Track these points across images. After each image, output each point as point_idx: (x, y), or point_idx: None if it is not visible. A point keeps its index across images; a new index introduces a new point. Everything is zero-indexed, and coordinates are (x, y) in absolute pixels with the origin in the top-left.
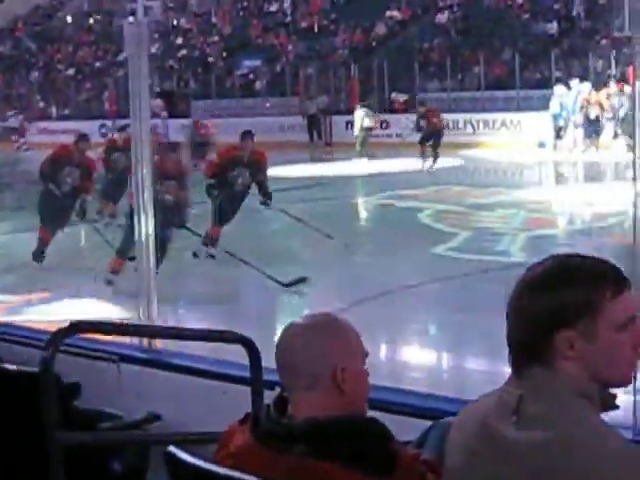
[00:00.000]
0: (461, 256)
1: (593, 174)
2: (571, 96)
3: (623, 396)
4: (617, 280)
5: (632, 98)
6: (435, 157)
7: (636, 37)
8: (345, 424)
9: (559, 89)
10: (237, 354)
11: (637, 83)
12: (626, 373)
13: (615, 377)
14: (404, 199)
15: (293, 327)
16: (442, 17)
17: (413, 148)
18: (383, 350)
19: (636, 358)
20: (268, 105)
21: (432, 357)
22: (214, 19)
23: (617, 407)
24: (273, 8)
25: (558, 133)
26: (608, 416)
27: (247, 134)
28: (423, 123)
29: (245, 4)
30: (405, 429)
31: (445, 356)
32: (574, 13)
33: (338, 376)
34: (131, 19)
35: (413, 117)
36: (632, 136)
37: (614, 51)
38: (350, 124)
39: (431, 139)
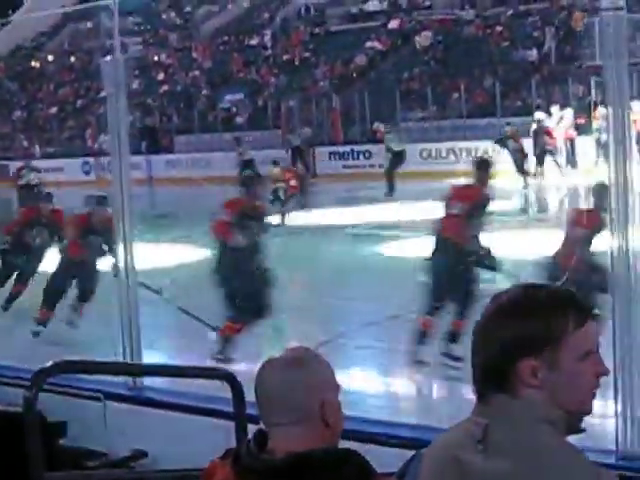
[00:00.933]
0: None
1: (575, 198)
2: (552, 122)
3: (608, 421)
4: (580, 311)
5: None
6: None
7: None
8: (325, 457)
9: (539, 115)
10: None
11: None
12: (587, 401)
13: (577, 404)
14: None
15: (274, 363)
16: (421, 40)
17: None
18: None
19: (596, 386)
20: (250, 139)
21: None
22: (195, 54)
23: (583, 430)
24: (254, 42)
25: (540, 159)
26: (594, 442)
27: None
28: None
29: (225, 38)
30: (389, 460)
31: (436, 385)
32: (545, 46)
33: (325, 410)
34: (108, 57)
35: None
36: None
37: (594, 77)
38: (333, 155)
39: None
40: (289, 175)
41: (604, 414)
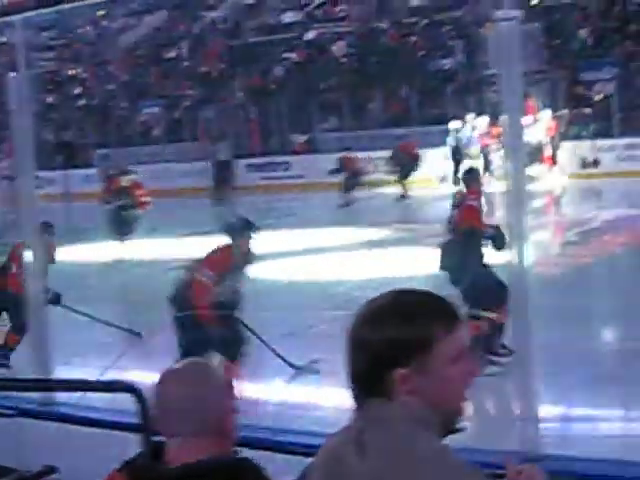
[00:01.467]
0: (362, 295)
1: (492, 206)
2: (467, 130)
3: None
4: (450, 316)
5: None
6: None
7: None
8: (220, 466)
9: (453, 124)
10: None
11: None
12: (460, 402)
13: (450, 407)
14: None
15: (172, 374)
16: (337, 50)
17: (313, 188)
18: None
19: (468, 388)
20: (167, 151)
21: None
22: (111, 67)
23: (459, 430)
24: (170, 54)
25: (456, 167)
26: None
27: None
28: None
29: (142, 51)
30: (289, 468)
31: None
32: (457, 56)
33: (222, 420)
34: (13, 73)
35: (312, 157)
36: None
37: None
38: (251, 167)
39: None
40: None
41: (506, 416)
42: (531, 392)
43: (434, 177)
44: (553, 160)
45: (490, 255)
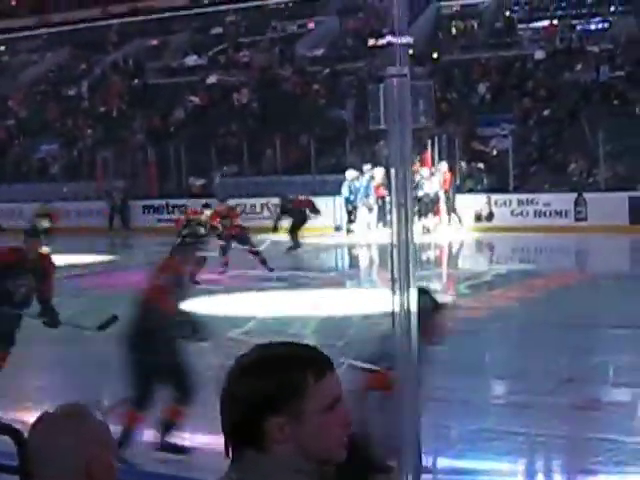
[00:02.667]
0: (253, 340)
1: (386, 257)
2: (363, 180)
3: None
4: (319, 364)
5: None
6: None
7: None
8: None
9: (350, 174)
10: None
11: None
12: (337, 450)
13: (327, 455)
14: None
15: (47, 417)
16: (241, 102)
17: None
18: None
19: (344, 435)
20: (65, 190)
21: None
22: (10, 102)
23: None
24: (71, 92)
25: (350, 217)
26: None
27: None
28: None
29: (42, 87)
30: None
31: None
32: (347, 109)
33: (92, 467)
34: None
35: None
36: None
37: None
38: (147, 209)
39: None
40: None
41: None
42: (416, 443)
43: (329, 226)
44: (449, 212)
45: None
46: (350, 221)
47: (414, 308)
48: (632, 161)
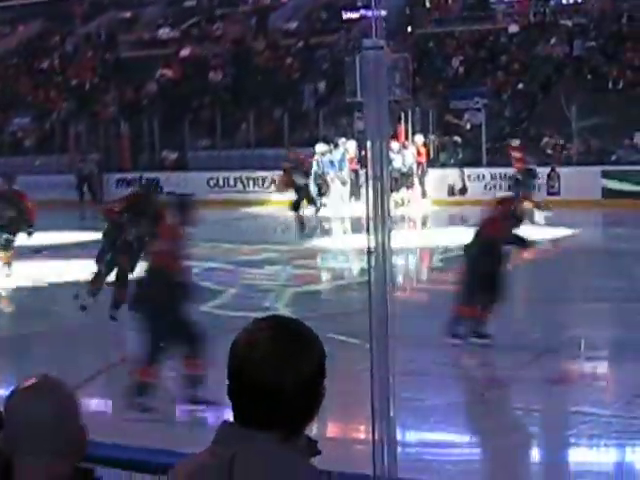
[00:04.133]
0: (225, 313)
1: (359, 228)
2: (337, 154)
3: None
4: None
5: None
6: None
7: (366, 102)
8: None
9: (319, 147)
10: None
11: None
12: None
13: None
14: None
15: (27, 392)
16: (214, 76)
17: None
18: None
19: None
20: (37, 163)
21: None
22: None
23: (320, 453)
24: (43, 65)
25: (320, 190)
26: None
27: None
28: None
29: (14, 61)
30: None
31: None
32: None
33: (82, 436)
34: None
35: (182, 175)
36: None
37: (357, 113)
38: (121, 182)
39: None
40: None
41: (367, 440)
42: (389, 417)
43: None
44: (420, 186)
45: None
46: (320, 194)
47: (391, 282)
48: (605, 135)
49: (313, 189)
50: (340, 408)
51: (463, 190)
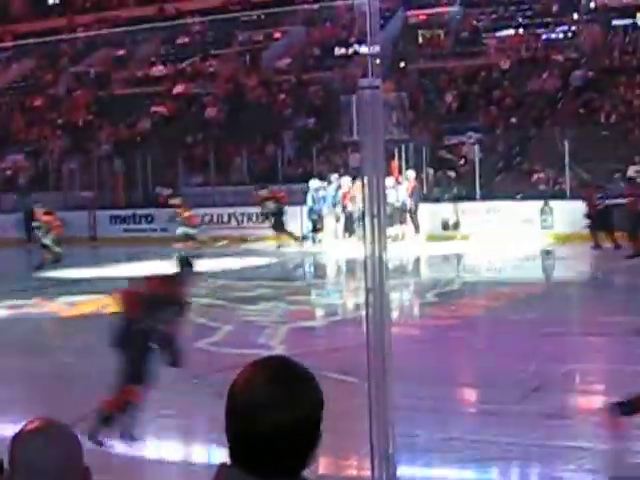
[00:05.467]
0: (222, 350)
1: (351, 266)
2: (330, 190)
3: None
4: None
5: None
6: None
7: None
8: None
9: (313, 183)
10: None
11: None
12: None
13: None
14: None
15: (33, 436)
16: (208, 112)
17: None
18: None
19: None
20: (34, 200)
21: (189, 452)
22: None
23: None
24: (37, 102)
25: (314, 226)
26: None
27: None
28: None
29: (8, 98)
30: None
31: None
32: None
33: (86, 477)
34: None
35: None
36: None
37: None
38: (114, 219)
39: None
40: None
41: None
42: (389, 453)
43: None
44: (413, 221)
45: None
46: (315, 230)
47: (388, 319)
48: (597, 168)
49: (307, 225)
50: (337, 445)
51: (456, 225)
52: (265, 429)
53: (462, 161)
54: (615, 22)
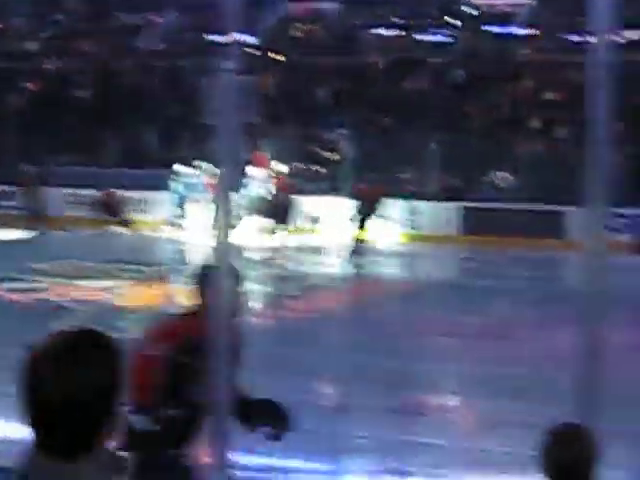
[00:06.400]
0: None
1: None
2: (196, 177)
3: None
4: None
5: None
6: None
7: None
8: None
9: (178, 168)
10: None
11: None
12: None
13: None
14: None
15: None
16: (79, 92)
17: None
18: None
19: None
20: None
21: None
22: None
23: (127, 468)
24: None
25: (180, 211)
26: None
27: None
28: None
29: None
30: None
31: None
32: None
33: None
34: None
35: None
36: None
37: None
38: None
39: None
40: None
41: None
42: (224, 440)
43: (164, 220)
44: (282, 214)
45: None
46: (179, 216)
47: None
48: (465, 172)
49: (175, 210)
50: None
51: (316, 219)
52: (52, 399)
53: (332, 157)
54: (487, 28)
